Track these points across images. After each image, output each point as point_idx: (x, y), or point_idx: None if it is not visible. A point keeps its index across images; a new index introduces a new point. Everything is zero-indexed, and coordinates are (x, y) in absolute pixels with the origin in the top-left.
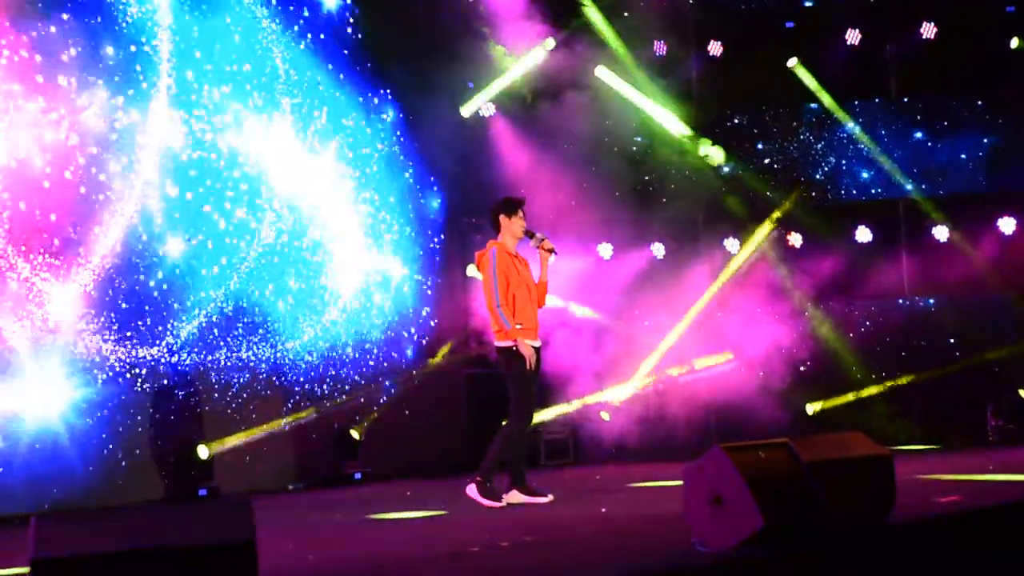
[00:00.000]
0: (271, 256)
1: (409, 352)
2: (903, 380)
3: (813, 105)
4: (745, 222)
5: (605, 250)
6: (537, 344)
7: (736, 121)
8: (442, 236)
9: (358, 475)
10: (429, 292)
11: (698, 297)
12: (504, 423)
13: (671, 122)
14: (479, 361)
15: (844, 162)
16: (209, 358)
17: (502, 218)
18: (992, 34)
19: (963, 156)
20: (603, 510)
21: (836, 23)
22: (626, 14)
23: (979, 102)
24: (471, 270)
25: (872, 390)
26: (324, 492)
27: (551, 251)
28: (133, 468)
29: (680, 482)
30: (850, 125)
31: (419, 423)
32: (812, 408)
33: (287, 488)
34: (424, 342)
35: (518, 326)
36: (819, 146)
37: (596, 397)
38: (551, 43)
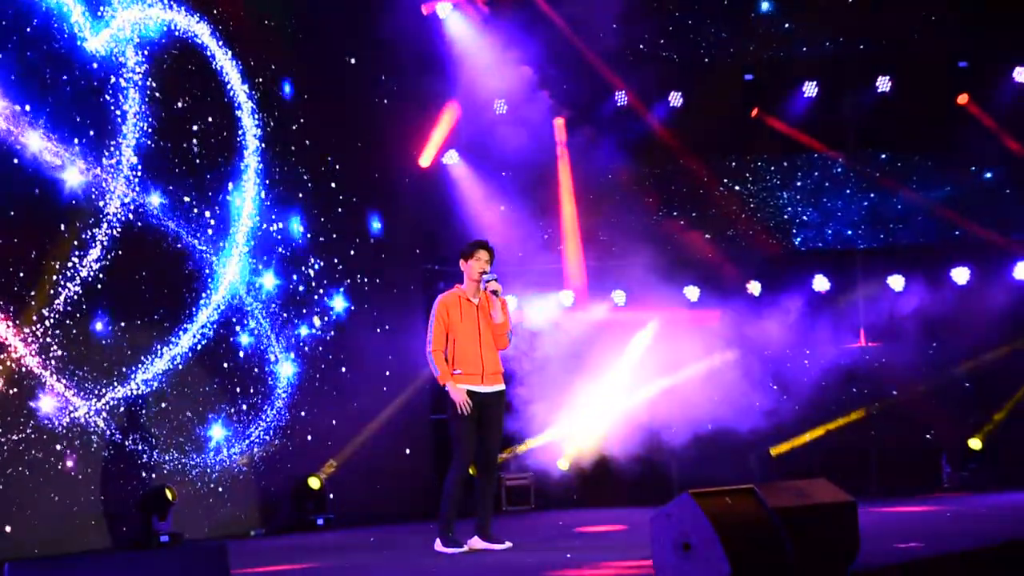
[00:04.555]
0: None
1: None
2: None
3: (774, 156)
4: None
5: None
6: (484, 389)
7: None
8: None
9: (320, 521)
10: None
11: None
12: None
13: None
14: (443, 406)
15: (801, 211)
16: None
17: (461, 262)
18: (945, 88)
19: (917, 207)
20: (568, 556)
21: (794, 76)
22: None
23: (933, 155)
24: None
25: (818, 432)
26: (289, 537)
27: (495, 293)
28: (84, 514)
29: (643, 528)
30: (808, 176)
31: (383, 469)
32: (776, 451)
33: (250, 534)
34: (384, 389)
35: (457, 372)
36: (777, 196)
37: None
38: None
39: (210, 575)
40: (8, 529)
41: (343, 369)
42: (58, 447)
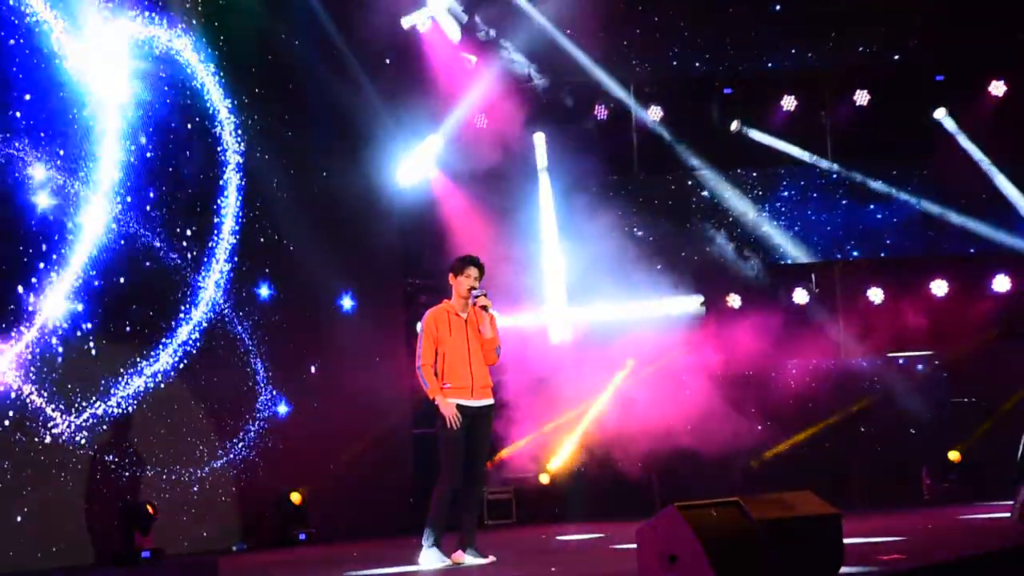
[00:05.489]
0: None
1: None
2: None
3: (753, 170)
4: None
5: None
6: (473, 403)
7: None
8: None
9: (303, 536)
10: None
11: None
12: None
13: None
14: (425, 421)
15: (781, 225)
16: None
17: (451, 277)
18: (921, 102)
19: (895, 220)
20: (552, 570)
21: (773, 90)
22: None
23: (910, 167)
24: (419, 327)
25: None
26: (271, 552)
27: (484, 308)
28: (65, 531)
29: (626, 541)
30: (786, 189)
31: (365, 484)
32: (755, 463)
33: (231, 549)
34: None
35: (446, 386)
36: (757, 208)
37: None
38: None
39: None
40: None
41: (325, 383)
42: (38, 463)
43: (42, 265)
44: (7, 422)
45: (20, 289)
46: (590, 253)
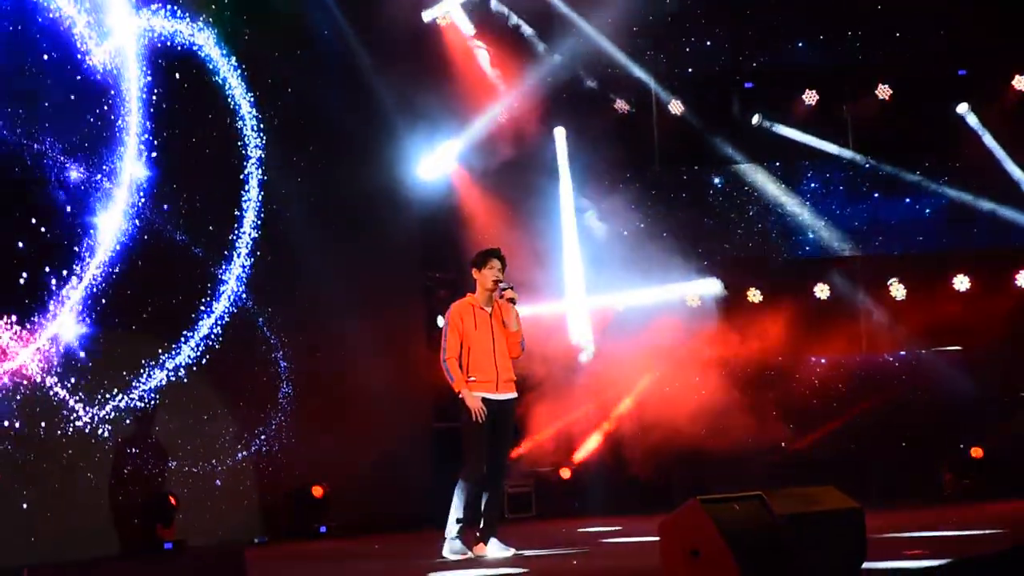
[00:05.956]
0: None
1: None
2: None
3: (775, 164)
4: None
5: None
6: (498, 396)
7: (693, 173)
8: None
9: (323, 529)
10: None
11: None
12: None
13: None
14: (446, 415)
15: (802, 220)
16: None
17: (473, 271)
18: (944, 96)
19: (918, 215)
20: (574, 562)
21: (795, 84)
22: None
23: (931, 162)
24: (440, 321)
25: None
26: (292, 545)
27: (512, 300)
28: (87, 522)
29: (646, 535)
30: (808, 184)
31: (385, 477)
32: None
33: (253, 541)
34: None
35: (471, 379)
36: (778, 204)
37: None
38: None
39: None
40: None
41: (345, 377)
42: (61, 455)
43: (65, 258)
44: (30, 414)
45: (43, 282)
46: (610, 245)
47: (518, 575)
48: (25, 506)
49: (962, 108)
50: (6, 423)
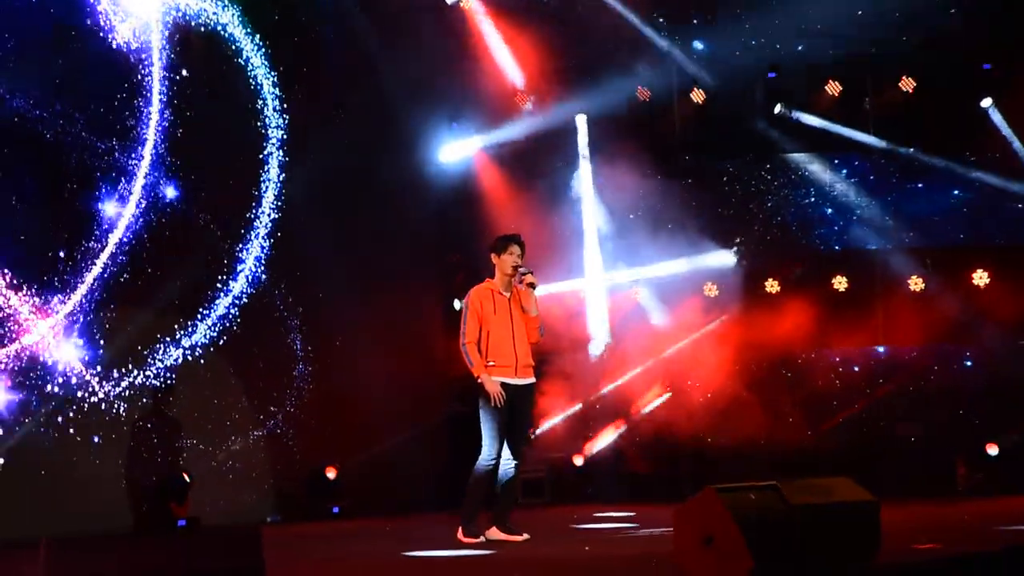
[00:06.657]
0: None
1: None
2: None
3: (795, 155)
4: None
5: None
6: (517, 381)
7: (718, 168)
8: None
9: (336, 509)
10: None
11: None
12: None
13: None
14: (462, 398)
15: (823, 212)
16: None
17: (493, 256)
18: (969, 90)
19: (939, 209)
20: (586, 548)
21: (818, 75)
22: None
23: (955, 156)
24: (457, 304)
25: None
26: (306, 525)
27: (531, 285)
28: (101, 497)
29: (660, 524)
30: (829, 175)
31: (399, 459)
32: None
33: (266, 520)
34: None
35: (490, 363)
36: (798, 195)
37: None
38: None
39: (243, 557)
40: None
41: (361, 359)
42: (78, 431)
43: (83, 237)
44: (48, 390)
45: (61, 260)
46: (629, 232)
47: (530, 560)
48: (41, 480)
49: (986, 103)
50: (22, 396)
